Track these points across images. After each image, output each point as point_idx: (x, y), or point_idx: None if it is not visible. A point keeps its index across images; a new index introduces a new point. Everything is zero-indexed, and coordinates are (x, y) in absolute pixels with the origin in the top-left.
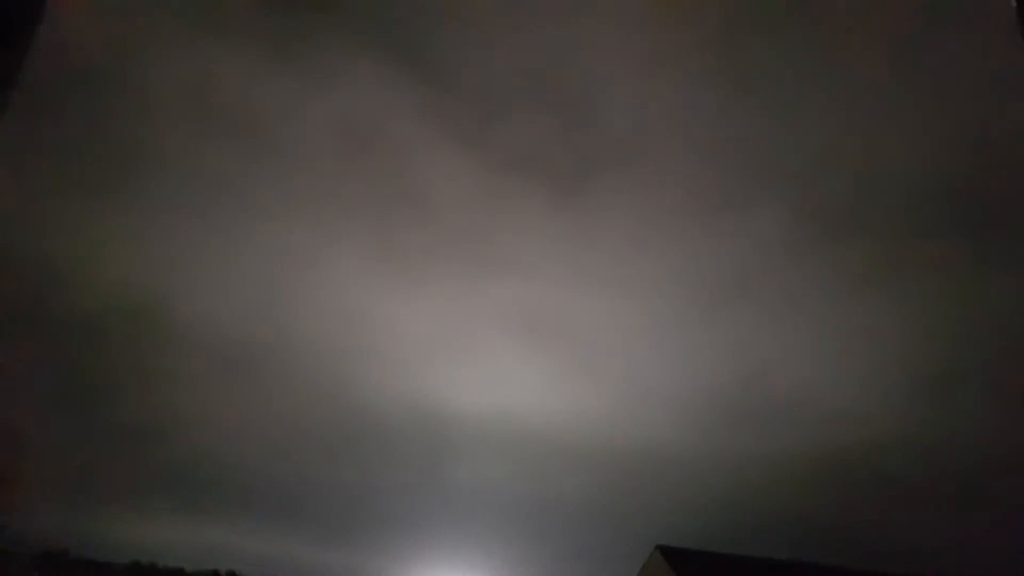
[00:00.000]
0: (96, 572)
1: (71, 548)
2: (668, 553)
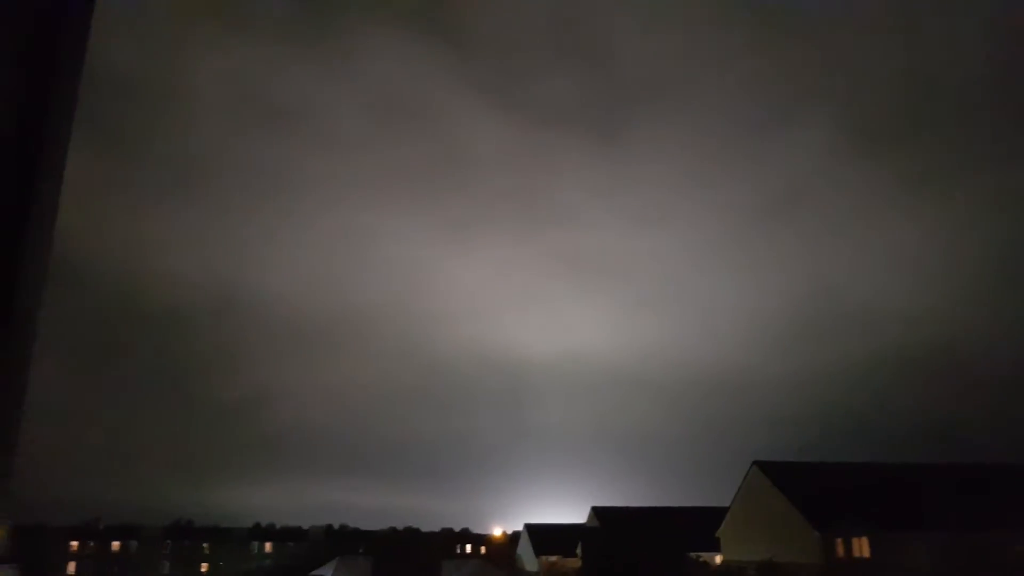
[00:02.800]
0: (222, 536)
1: (195, 519)
2: (766, 467)
